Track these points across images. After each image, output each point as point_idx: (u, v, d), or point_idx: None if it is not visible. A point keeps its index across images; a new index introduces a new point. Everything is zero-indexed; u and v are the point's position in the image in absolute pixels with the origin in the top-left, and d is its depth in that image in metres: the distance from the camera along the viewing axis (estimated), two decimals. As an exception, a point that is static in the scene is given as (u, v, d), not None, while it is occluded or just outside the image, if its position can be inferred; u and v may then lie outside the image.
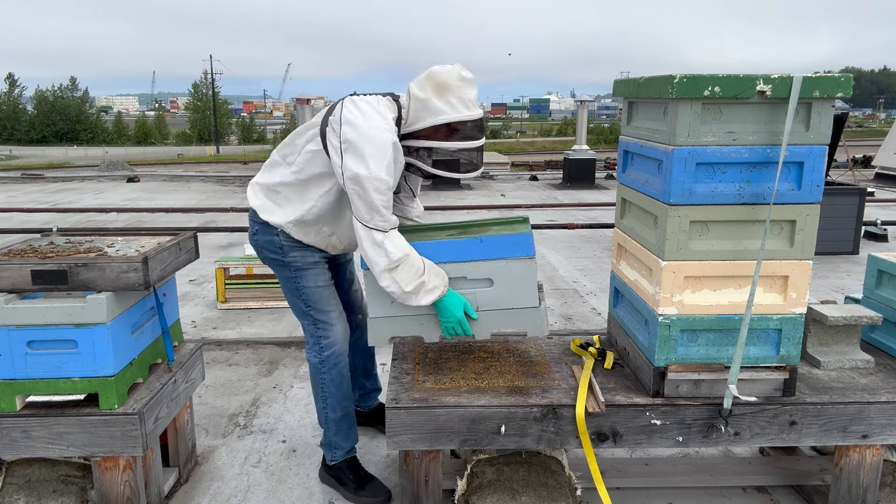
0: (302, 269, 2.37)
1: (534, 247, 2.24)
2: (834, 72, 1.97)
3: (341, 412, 2.46)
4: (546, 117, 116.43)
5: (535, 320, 2.25)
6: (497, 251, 2.21)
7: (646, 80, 2.11)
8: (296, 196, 2.29)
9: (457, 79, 2.13)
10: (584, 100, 13.71)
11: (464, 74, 2.14)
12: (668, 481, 2.50)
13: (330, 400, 2.44)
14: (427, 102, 2.14)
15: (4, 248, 2.22)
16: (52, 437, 2.09)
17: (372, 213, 2.09)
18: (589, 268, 6.20)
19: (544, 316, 2.26)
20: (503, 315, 2.24)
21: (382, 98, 2.22)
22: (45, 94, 62.52)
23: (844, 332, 2.37)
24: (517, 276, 2.22)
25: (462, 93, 2.14)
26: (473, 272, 2.24)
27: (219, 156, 44.77)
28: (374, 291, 2.25)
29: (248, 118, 70.71)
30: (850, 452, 2.17)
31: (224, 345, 4.14)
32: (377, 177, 2.05)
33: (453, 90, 2.13)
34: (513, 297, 2.23)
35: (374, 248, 2.11)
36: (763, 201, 1.97)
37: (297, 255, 2.35)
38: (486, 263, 2.23)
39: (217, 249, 6.83)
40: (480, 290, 2.24)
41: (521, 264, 2.22)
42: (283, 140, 2.39)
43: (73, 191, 12.37)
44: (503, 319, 2.25)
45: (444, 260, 2.23)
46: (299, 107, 12.76)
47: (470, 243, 2.22)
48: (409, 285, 2.13)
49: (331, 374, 2.41)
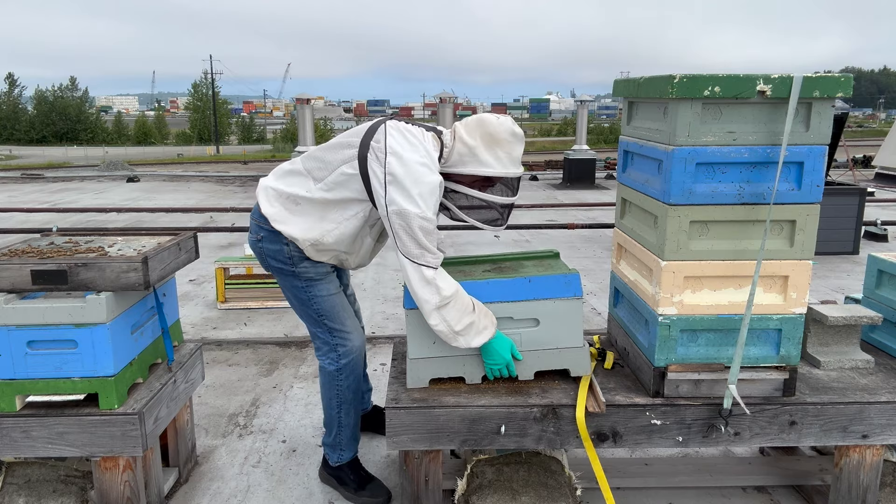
0: (313, 280, 2.31)
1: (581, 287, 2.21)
2: (834, 72, 1.97)
3: (355, 417, 2.47)
4: (546, 117, 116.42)
5: (579, 359, 2.21)
6: (546, 291, 2.15)
7: (646, 80, 2.11)
8: (315, 213, 2.22)
9: (509, 134, 2.12)
10: (584, 100, 13.72)
11: (516, 130, 2.14)
12: (668, 481, 2.50)
13: (345, 406, 2.43)
14: (476, 150, 2.11)
15: (4, 248, 2.22)
16: (52, 437, 2.09)
17: (422, 251, 2.03)
18: (589, 268, 6.20)
19: (587, 353, 2.23)
20: (548, 354, 2.21)
21: (427, 132, 2.18)
22: (45, 94, 62.46)
23: (844, 332, 2.37)
24: (565, 316, 2.18)
25: (511, 149, 2.13)
26: (520, 312, 2.18)
27: (219, 156, 44.76)
28: (415, 331, 2.17)
29: (248, 118, 70.61)
30: (850, 452, 2.17)
31: (224, 345, 4.14)
32: (426, 217, 2.01)
33: (503, 145, 2.12)
34: (559, 336, 2.19)
35: (424, 286, 2.03)
36: (763, 201, 1.97)
37: (307, 266, 2.29)
38: (534, 303, 2.16)
39: (217, 249, 6.84)
40: (525, 329, 2.19)
41: (569, 305, 2.17)
42: (310, 151, 2.30)
43: (73, 191, 12.37)
44: (548, 359, 2.21)
45: (491, 300, 2.16)
46: (299, 107, 12.76)
47: (518, 283, 2.16)
48: (460, 324, 2.05)
49: (348, 380, 2.40)
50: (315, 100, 12.30)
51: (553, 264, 2.34)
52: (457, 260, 2.45)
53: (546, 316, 2.18)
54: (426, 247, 2.02)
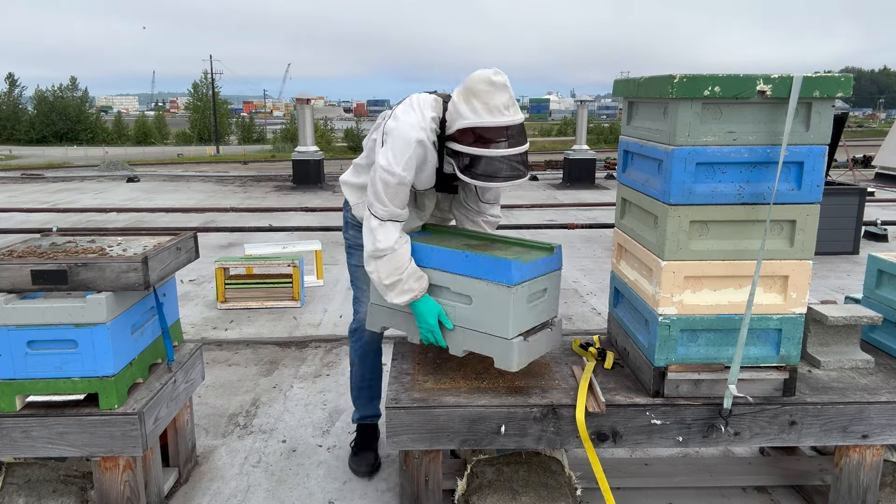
0: (351, 248, 2.57)
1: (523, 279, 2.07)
2: (834, 72, 1.97)
3: (359, 382, 2.67)
4: (546, 117, 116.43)
5: (505, 352, 2.10)
6: (479, 271, 2.10)
7: (646, 80, 2.11)
8: (362, 179, 2.43)
9: (485, 83, 2.08)
10: (584, 100, 13.74)
11: (493, 79, 2.08)
12: (668, 481, 2.50)
13: (353, 368, 2.67)
14: (457, 106, 2.12)
15: (4, 248, 2.22)
16: (52, 437, 2.09)
17: (374, 200, 2.17)
18: (589, 268, 6.20)
19: (519, 351, 2.09)
20: (478, 337, 2.15)
21: (432, 97, 2.26)
22: (45, 94, 62.45)
23: (844, 332, 2.37)
24: (495, 301, 2.09)
25: (489, 98, 2.07)
26: (456, 285, 2.17)
27: (219, 156, 44.76)
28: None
29: (248, 118, 70.61)
30: (850, 452, 2.17)
31: (224, 345, 4.14)
32: (390, 170, 2.13)
33: (479, 95, 2.08)
34: (488, 321, 2.13)
35: (367, 233, 2.20)
36: (763, 201, 1.97)
37: (351, 235, 2.56)
38: (469, 281, 2.13)
39: (217, 249, 6.84)
40: (460, 305, 2.18)
41: (500, 291, 2.06)
42: None
43: (73, 191, 12.37)
44: (477, 341, 2.16)
45: (432, 266, 2.21)
46: (299, 107, 12.77)
47: (457, 256, 2.15)
48: (388, 279, 2.18)
49: (356, 345, 2.63)
50: (315, 100, 12.30)
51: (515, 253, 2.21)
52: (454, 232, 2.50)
53: (478, 296, 2.14)
54: (380, 198, 2.16)
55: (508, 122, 2.08)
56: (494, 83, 2.08)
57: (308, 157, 12.54)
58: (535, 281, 2.15)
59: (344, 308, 4.92)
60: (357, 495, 2.51)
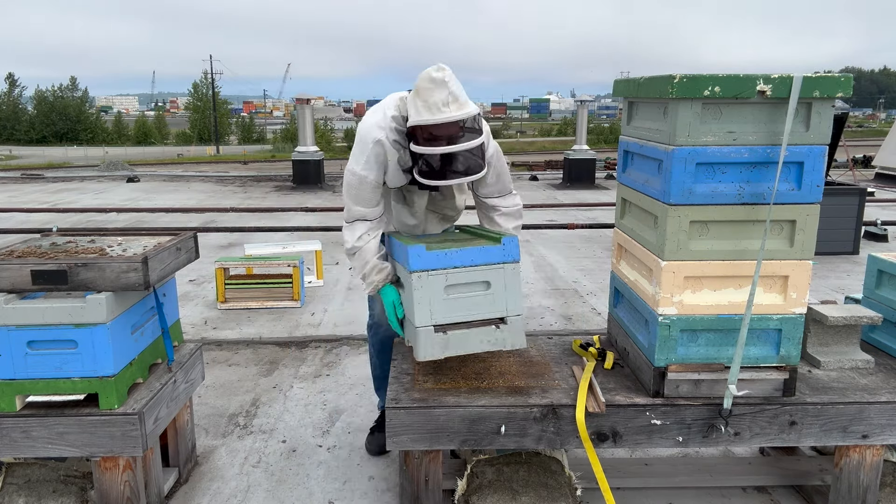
0: None
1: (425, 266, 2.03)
2: (834, 72, 1.97)
3: (378, 372, 2.77)
4: (546, 117, 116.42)
5: (420, 340, 2.06)
6: (400, 258, 2.23)
7: (646, 80, 2.11)
8: None
9: (426, 80, 2.07)
10: (584, 100, 13.73)
11: (434, 76, 2.06)
12: (668, 481, 2.50)
13: (372, 360, 2.79)
14: (408, 105, 2.16)
15: (4, 248, 2.22)
16: (52, 437, 2.09)
17: (345, 201, 2.33)
18: (589, 268, 6.20)
19: (426, 342, 2.04)
20: (407, 325, 2.15)
21: (399, 95, 2.29)
22: (45, 94, 62.47)
23: (844, 332, 2.37)
24: (407, 287, 2.12)
25: (427, 95, 2.06)
26: (401, 271, 2.27)
27: (219, 156, 44.77)
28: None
29: (248, 118, 70.65)
30: (850, 452, 2.17)
31: (224, 345, 4.14)
32: (351, 170, 2.26)
33: (421, 94, 2.08)
34: (408, 308, 2.12)
35: (343, 233, 2.39)
36: (763, 201, 1.97)
37: None
38: (400, 268, 2.27)
39: (217, 249, 6.84)
40: (402, 290, 2.27)
41: (407, 276, 2.11)
42: None
43: (73, 191, 12.37)
44: (407, 329, 2.16)
45: (394, 258, 2.35)
46: (299, 107, 12.77)
47: (397, 246, 2.28)
48: (358, 274, 2.39)
49: (372, 340, 2.73)
50: (315, 100, 12.30)
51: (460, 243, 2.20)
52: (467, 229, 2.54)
53: (405, 284, 2.18)
54: (346, 199, 2.32)
55: (444, 120, 2.04)
56: (434, 80, 2.06)
57: (308, 157, 12.54)
58: (460, 272, 2.07)
59: (344, 308, 4.92)
60: (357, 495, 2.51)
